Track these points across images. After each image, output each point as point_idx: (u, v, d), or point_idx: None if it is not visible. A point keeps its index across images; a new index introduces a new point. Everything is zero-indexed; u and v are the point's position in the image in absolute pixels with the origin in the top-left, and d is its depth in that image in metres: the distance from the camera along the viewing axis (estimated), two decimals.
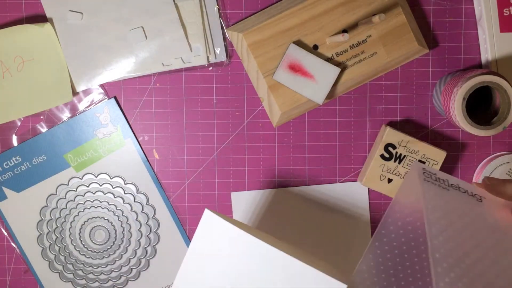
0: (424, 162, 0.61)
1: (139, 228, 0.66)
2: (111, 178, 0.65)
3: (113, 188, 0.65)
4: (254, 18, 0.63)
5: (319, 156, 0.65)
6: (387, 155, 0.61)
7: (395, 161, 0.61)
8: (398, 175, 0.62)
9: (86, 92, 0.64)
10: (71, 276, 0.66)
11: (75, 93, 0.63)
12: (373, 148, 0.64)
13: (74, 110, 0.64)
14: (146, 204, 0.65)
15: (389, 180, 0.62)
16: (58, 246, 0.66)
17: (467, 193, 0.45)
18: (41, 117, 0.64)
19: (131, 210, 0.65)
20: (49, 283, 0.66)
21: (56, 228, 0.65)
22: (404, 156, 0.61)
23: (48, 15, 0.62)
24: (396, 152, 0.61)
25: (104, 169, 0.65)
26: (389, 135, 0.61)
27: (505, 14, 0.62)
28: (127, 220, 0.65)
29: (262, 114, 0.65)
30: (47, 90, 0.62)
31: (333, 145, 0.65)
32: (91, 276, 0.66)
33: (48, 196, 0.65)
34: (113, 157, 0.65)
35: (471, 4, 0.64)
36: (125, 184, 0.65)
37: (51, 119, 0.64)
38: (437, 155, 0.61)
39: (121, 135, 0.65)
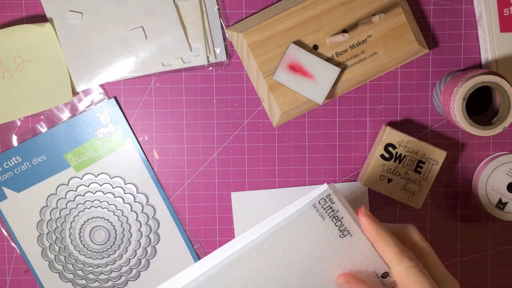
0: (424, 163, 0.61)
1: (139, 228, 0.66)
2: (111, 178, 0.65)
3: (113, 188, 0.65)
4: (254, 18, 0.63)
5: (319, 156, 0.65)
6: (387, 155, 0.61)
7: (395, 161, 0.61)
8: (398, 175, 0.62)
9: (86, 92, 0.64)
10: (71, 276, 0.66)
11: (75, 93, 0.63)
12: (373, 148, 0.64)
13: (74, 110, 0.64)
14: (146, 204, 0.65)
15: (389, 180, 0.62)
16: (58, 246, 0.66)
17: (338, 227, 0.49)
18: (41, 117, 0.64)
19: (131, 210, 0.65)
20: (49, 283, 0.66)
21: (56, 228, 0.65)
22: (404, 156, 0.61)
23: (48, 15, 0.62)
24: (396, 152, 0.61)
25: (104, 169, 0.65)
26: (389, 135, 0.61)
27: (505, 14, 0.62)
28: (127, 220, 0.65)
29: (262, 114, 0.65)
30: (47, 90, 0.62)
31: (333, 145, 0.65)
32: (91, 276, 0.66)
33: (48, 196, 0.65)
34: (113, 157, 0.65)
35: (471, 4, 0.64)
36: (125, 184, 0.65)
37: (51, 119, 0.64)
38: (437, 155, 0.61)
39: (121, 135, 0.65)
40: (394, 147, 0.61)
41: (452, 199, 0.65)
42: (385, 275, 0.54)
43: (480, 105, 0.62)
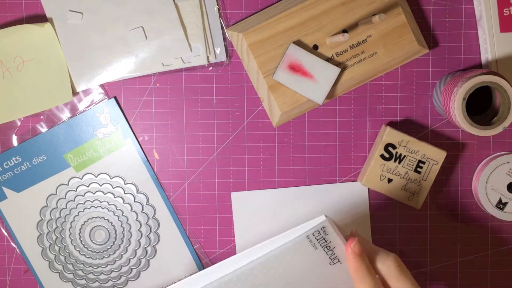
0: (424, 163, 0.61)
1: (139, 228, 0.66)
2: (111, 178, 0.65)
3: (113, 188, 0.65)
4: (254, 18, 0.63)
5: (319, 156, 0.65)
6: (387, 155, 0.61)
7: (395, 161, 0.61)
8: (398, 175, 0.62)
9: (86, 92, 0.64)
10: (71, 276, 0.66)
11: (75, 93, 0.63)
12: (373, 148, 0.64)
13: (74, 110, 0.64)
14: (146, 204, 0.65)
15: (389, 180, 0.62)
16: (58, 246, 0.66)
17: (329, 256, 0.51)
18: (41, 117, 0.64)
19: (131, 210, 0.65)
20: (49, 283, 0.66)
21: (56, 228, 0.65)
22: (404, 156, 0.61)
23: (48, 15, 0.62)
24: (396, 152, 0.61)
25: (104, 169, 0.65)
26: (389, 135, 0.61)
27: (505, 14, 0.62)
28: (127, 220, 0.65)
29: (262, 114, 0.65)
30: (47, 90, 0.62)
31: (333, 145, 0.65)
32: (91, 276, 0.66)
33: (48, 196, 0.65)
34: (113, 157, 0.65)
35: (471, 4, 0.64)
36: (125, 184, 0.65)
37: (51, 119, 0.64)
38: (437, 155, 0.61)
39: (121, 135, 0.65)
40: (394, 147, 0.61)
41: (452, 199, 0.65)
42: None
43: (480, 105, 0.62)
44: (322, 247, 0.50)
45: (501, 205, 0.62)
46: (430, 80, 0.65)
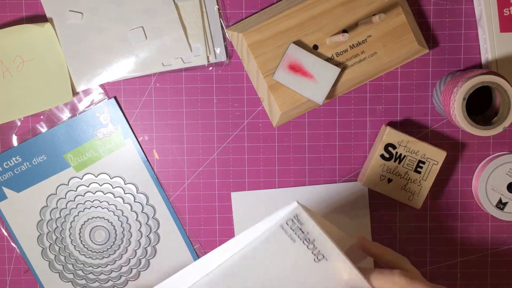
0: (424, 163, 0.61)
1: (139, 228, 0.66)
2: (111, 178, 0.65)
3: (113, 188, 0.65)
4: (254, 18, 0.63)
5: (319, 156, 0.65)
6: (387, 155, 0.61)
7: (395, 161, 0.61)
8: (398, 175, 0.62)
9: (86, 92, 0.64)
10: (71, 276, 0.66)
11: (75, 93, 0.63)
12: (373, 148, 0.64)
13: (74, 110, 0.64)
14: (146, 204, 0.65)
15: (389, 180, 0.62)
16: (58, 246, 0.66)
17: (311, 250, 0.47)
18: (41, 117, 0.64)
19: (131, 210, 0.65)
20: (49, 283, 0.66)
21: (56, 228, 0.65)
22: (404, 156, 0.61)
23: (48, 15, 0.62)
24: (396, 152, 0.61)
25: (104, 169, 0.65)
26: (389, 135, 0.61)
27: (505, 14, 0.62)
28: (127, 220, 0.65)
29: (262, 114, 0.65)
30: (47, 90, 0.62)
31: (333, 145, 0.65)
32: (91, 276, 0.66)
33: (48, 196, 0.65)
34: (113, 157, 0.65)
35: (471, 4, 0.64)
36: (125, 184, 0.65)
37: (51, 119, 0.64)
38: (437, 155, 0.61)
39: (121, 135, 0.65)
40: (394, 147, 0.61)
41: (452, 199, 0.65)
42: None
43: (480, 105, 0.62)
44: (300, 239, 0.46)
45: (501, 205, 0.62)
46: (430, 80, 0.65)
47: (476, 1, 0.63)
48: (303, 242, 0.47)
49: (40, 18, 0.63)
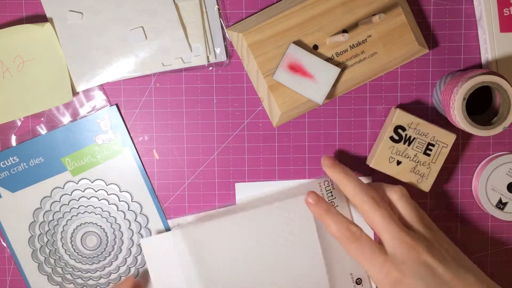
0: (433, 145, 0.61)
1: (131, 237, 0.65)
2: (106, 185, 0.65)
3: (108, 194, 0.65)
4: (254, 18, 0.63)
5: (319, 156, 0.65)
6: (396, 137, 0.61)
7: (404, 143, 0.61)
8: (408, 157, 0.61)
9: (89, 98, 0.64)
10: (59, 279, 0.66)
11: (75, 93, 0.63)
12: (382, 130, 0.64)
13: (75, 115, 0.64)
14: (140, 213, 0.65)
15: (398, 163, 0.61)
16: (48, 248, 0.65)
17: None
18: (42, 118, 0.64)
19: (124, 218, 0.65)
20: (37, 285, 0.65)
21: (48, 230, 0.65)
22: (414, 138, 0.61)
23: (48, 15, 0.62)
24: (406, 134, 0.61)
25: (100, 175, 0.65)
26: (399, 117, 0.61)
27: (505, 14, 0.62)
28: (120, 228, 0.65)
29: (262, 114, 0.65)
30: (47, 90, 0.62)
31: (333, 145, 0.65)
32: (79, 281, 0.66)
33: (43, 198, 0.65)
34: (110, 164, 0.65)
35: (471, 4, 0.64)
36: (120, 191, 0.65)
37: (52, 122, 0.64)
38: (447, 138, 0.61)
39: (120, 143, 0.64)
40: (403, 129, 0.61)
41: (452, 199, 0.65)
42: (359, 281, 0.59)
43: (480, 105, 0.62)
44: (328, 200, 0.58)
45: (501, 205, 0.62)
46: (430, 80, 0.65)
47: (476, 1, 0.63)
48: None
49: (40, 18, 0.63)
